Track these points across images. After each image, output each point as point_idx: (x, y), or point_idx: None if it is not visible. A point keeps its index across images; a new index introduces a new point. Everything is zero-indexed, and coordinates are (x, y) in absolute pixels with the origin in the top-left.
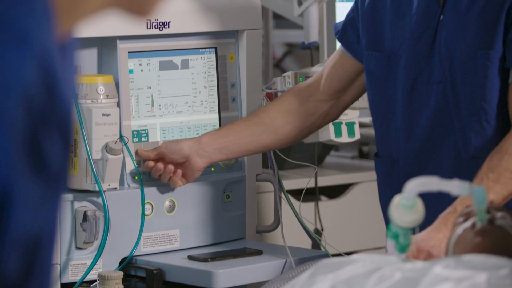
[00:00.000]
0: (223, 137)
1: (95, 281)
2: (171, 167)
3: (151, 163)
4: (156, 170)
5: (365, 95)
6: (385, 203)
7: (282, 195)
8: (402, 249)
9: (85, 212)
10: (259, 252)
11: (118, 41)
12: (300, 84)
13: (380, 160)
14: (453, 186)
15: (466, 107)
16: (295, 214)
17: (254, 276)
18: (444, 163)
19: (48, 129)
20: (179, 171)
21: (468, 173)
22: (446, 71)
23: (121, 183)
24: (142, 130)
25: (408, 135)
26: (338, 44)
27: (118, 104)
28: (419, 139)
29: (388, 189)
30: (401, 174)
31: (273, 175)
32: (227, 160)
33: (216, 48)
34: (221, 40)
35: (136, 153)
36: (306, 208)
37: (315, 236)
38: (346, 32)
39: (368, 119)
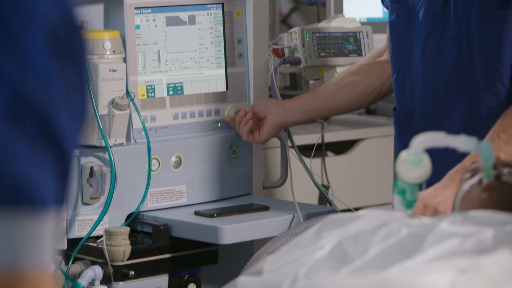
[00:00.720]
0: (302, 98)
1: (101, 236)
2: (250, 115)
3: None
4: (238, 117)
5: None
6: None
7: (290, 150)
8: (409, 205)
9: (91, 168)
10: (265, 208)
11: None
12: (376, 49)
13: (396, 113)
14: (459, 141)
15: (480, 66)
16: (305, 169)
17: (261, 232)
18: (457, 120)
19: (70, 62)
20: (251, 122)
21: (480, 131)
22: (462, 28)
23: (128, 138)
24: (149, 85)
25: (422, 89)
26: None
27: (125, 60)
28: (432, 94)
29: (403, 143)
30: (415, 128)
31: (282, 130)
32: (303, 120)
33: (222, 4)
34: None
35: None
36: (313, 164)
37: (324, 191)
38: None
39: None
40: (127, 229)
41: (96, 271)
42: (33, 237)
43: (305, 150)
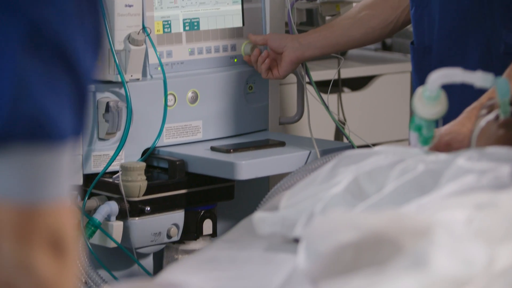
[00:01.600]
0: (317, 32)
1: (117, 172)
2: (266, 53)
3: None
4: (254, 56)
5: None
6: None
7: (307, 86)
8: (425, 141)
9: (107, 103)
10: (281, 144)
11: None
12: None
13: (414, 48)
14: (476, 77)
15: (499, 2)
16: (323, 105)
17: (277, 168)
18: (474, 56)
19: None
20: (267, 60)
21: (498, 68)
22: None
23: (144, 74)
24: (165, 21)
25: (440, 24)
26: None
27: None
28: (450, 30)
29: (420, 78)
30: (432, 63)
31: (299, 65)
32: (320, 55)
33: None
34: None
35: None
36: (329, 100)
37: (341, 126)
38: None
39: None
40: (143, 164)
41: (112, 207)
42: (51, 170)
43: (321, 86)
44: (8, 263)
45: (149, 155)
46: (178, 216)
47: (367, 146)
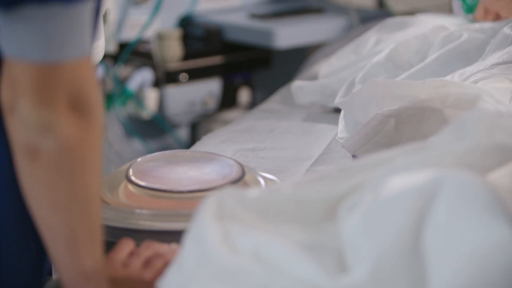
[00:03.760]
0: None
1: (152, 39)
2: None
3: None
4: None
5: None
6: None
7: None
8: (470, 9)
9: None
10: (320, 10)
11: None
12: None
13: None
14: None
15: None
16: None
17: (315, 35)
18: None
19: None
20: None
21: None
22: None
23: None
24: None
25: None
26: None
27: None
28: None
29: None
30: None
31: None
32: None
33: None
34: None
35: None
36: None
37: None
38: None
39: None
40: (178, 31)
41: (146, 75)
42: (69, 29)
43: None
44: (29, 124)
45: (185, 23)
46: (214, 85)
47: (408, 14)
